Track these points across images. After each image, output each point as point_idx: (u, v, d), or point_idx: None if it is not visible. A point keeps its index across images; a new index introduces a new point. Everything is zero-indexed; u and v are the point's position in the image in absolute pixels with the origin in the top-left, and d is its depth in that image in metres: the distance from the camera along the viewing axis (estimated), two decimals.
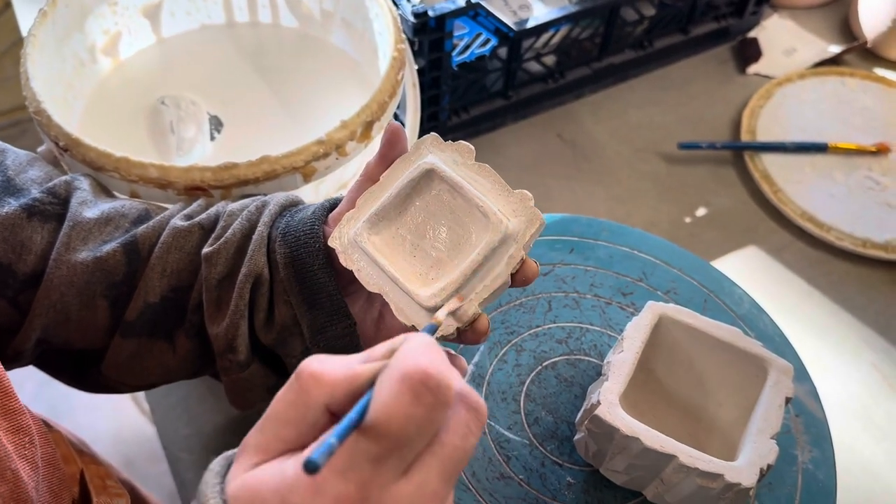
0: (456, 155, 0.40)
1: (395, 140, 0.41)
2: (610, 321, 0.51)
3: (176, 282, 0.42)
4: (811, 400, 0.47)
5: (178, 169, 0.48)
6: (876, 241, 0.72)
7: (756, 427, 0.41)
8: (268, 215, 0.43)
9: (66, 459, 0.44)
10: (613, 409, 0.41)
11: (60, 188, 0.44)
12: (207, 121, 0.62)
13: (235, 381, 0.43)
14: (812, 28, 0.92)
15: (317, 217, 0.42)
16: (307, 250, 0.41)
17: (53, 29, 0.57)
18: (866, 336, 0.67)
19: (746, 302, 0.52)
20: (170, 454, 0.60)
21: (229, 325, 0.41)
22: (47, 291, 0.41)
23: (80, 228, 0.42)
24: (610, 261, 0.54)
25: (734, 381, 0.45)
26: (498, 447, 0.45)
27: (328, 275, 0.41)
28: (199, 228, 0.43)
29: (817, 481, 0.44)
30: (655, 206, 0.76)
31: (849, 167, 0.78)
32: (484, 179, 0.39)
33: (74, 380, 0.48)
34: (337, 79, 0.67)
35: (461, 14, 0.66)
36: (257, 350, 0.43)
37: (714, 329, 0.45)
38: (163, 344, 0.44)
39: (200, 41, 0.69)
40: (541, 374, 0.48)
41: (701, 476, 0.39)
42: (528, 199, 0.39)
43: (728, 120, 0.83)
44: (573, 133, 0.81)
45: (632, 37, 0.84)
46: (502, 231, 0.38)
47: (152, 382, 0.46)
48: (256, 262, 0.41)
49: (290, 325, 0.42)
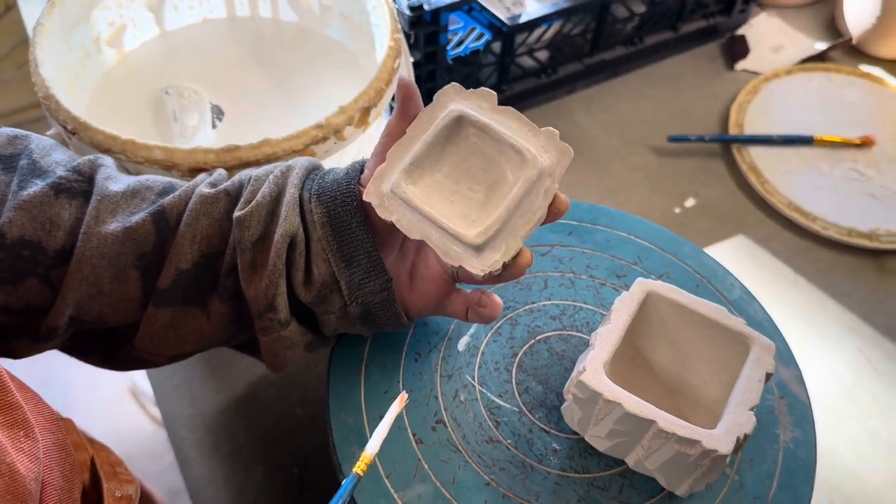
0: (480, 101, 0.41)
1: (409, 94, 0.42)
2: (603, 300, 0.52)
3: (206, 248, 0.43)
4: (796, 384, 0.49)
5: (182, 151, 0.50)
6: (861, 230, 0.74)
7: (736, 399, 0.42)
8: (296, 177, 0.44)
9: (77, 446, 0.45)
10: (598, 376, 0.42)
11: (85, 167, 0.45)
12: (209, 109, 0.63)
13: (276, 339, 0.44)
14: (799, 26, 0.95)
15: (351, 177, 0.43)
16: (345, 209, 0.42)
17: (61, 19, 0.59)
18: (851, 321, 0.69)
19: (738, 288, 0.53)
20: (172, 434, 0.61)
21: (268, 284, 0.42)
22: (79, 265, 0.42)
23: (107, 202, 0.43)
24: (607, 244, 0.55)
25: (718, 359, 0.46)
26: (489, 413, 0.47)
27: (366, 232, 0.42)
28: (225, 195, 0.44)
29: (797, 459, 0.46)
30: (646, 197, 0.78)
31: (834, 159, 0.80)
32: (511, 121, 0.41)
33: (106, 359, 0.48)
34: (335, 70, 0.69)
35: (456, 8, 0.68)
36: (293, 309, 0.44)
37: (700, 306, 0.46)
38: (197, 310, 0.44)
39: (202, 34, 0.71)
40: (533, 347, 0.50)
41: (679, 442, 0.41)
42: (555, 135, 0.40)
43: (717, 114, 0.85)
44: (566, 127, 0.83)
45: (623, 33, 0.86)
46: (539, 167, 0.39)
47: (188, 351, 0.46)
48: (291, 223, 0.42)
49: (330, 283, 0.43)
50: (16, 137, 0.45)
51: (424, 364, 0.49)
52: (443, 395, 0.47)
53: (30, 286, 0.42)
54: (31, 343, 0.45)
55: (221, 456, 0.59)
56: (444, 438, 0.46)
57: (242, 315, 0.45)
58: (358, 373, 0.48)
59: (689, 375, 0.48)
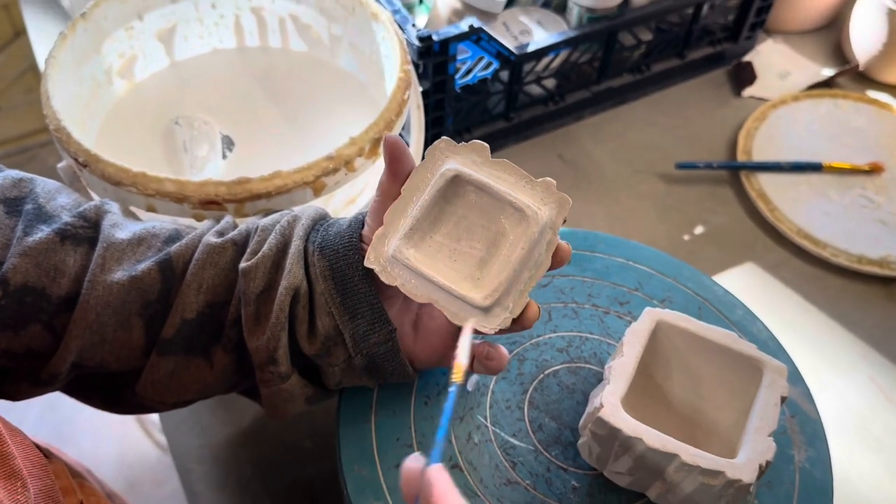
0: (473, 155, 0.41)
1: (397, 154, 0.42)
2: (608, 329, 0.52)
3: (212, 297, 0.43)
4: (805, 401, 0.49)
5: (193, 183, 0.50)
6: (871, 257, 0.73)
7: (754, 426, 0.42)
8: (301, 229, 0.44)
9: (65, 492, 0.44)
10: (616, 412, 0.42)
11: (91, 212, 0.45)
12: (220, 140, 0.64)
13: (276, 392, 0.44)
14: (805, 52, 0.95)
15: (353, 230, 0.43)
16: (347, 262, 0.42)
17: (72, 51, 0.59)
18: (863, 350, 0.68)
19: (739, 308, 0.53)
20: (180, 465, 0.61)
21: (270, 337, 0.42)
22: (83, 313, 0.42)
23: (113, 249, 0.43)
24: (606, 272, 0.55)
25: (731, 384, 0.46)
26: (504, 454, 0.46)
27: (368, 285, 0.42)
28: (232, 244, 0.44)
29: (814, 479, 0.45)
30: (654, 224, 0.77)
31: (843, 186, 0.80)
32: (507, 174, 0.41)
33: (107, 403, 0.48)
34: (344, 100, 0.69)
35: (464, 38, 0.68)
36: (295, 361, 0.44)
37: (709, 333, 0.46)
38: (200, 360, 0.44)
39: (212, 64, 0.71)
40: (543, 382, 0.49)
41: (703, 474, 0.40)
42: (553, 186, 0.40)
43: (724, 141, 0.85)
44: (574, 154, 0.83)
45: (630, 61, 0.86)
46: (540, 223, 0.39)
47: (189, 399, 0.46)
48: (295, 276, 0.42)
49: (334, 335, 0.43)
50: (21, 180, 0.45)
51: (435, 408, 0.48)
52: (456, 438, 0.47)
53: (32, 332, 0.42)
54: (31, 387, 0.44)
55: (229, 490, 0.59)
56: (462, 484, 0.45)
57: (245, 365, 0.45)
58: (368, 420, 0.47)
59: (702, 402, 0.48)
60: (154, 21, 0.66)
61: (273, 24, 0.71)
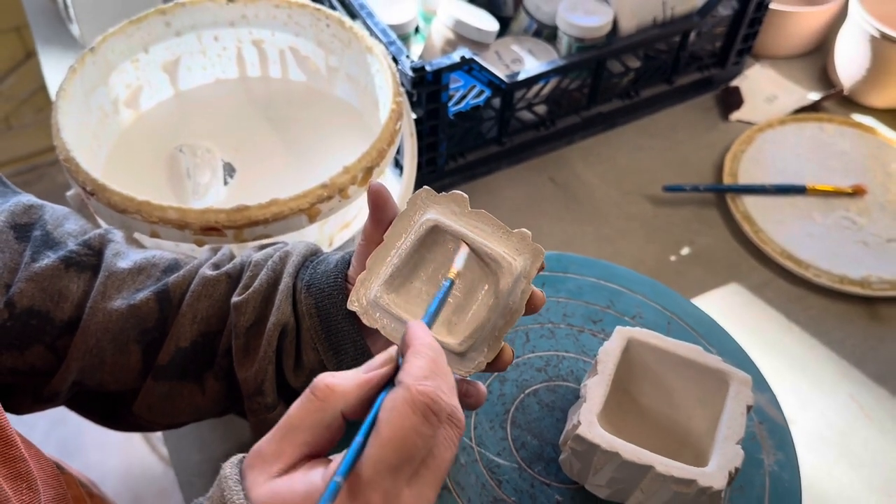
0: (453, 205, 0.43)
1: (380, 202, 0.44)
2: (583, 347, 0.55)
3: (205, 327, 0.46)
4: (772, 407, 0.51)
5: (195, 211, 0.53)
6: (852, 277, 0.75)
7: (722, 435, 0.45)
8: (291, 266, 0.46)
9: (77, 500, 0.47)
10: (593, 428, 0.44)
11: (95, 241, 0.47)
12: (221, 167, 0.67)
13: (263, 421, 0.46)
14: (792, 77, 0.97)
15: (339, 270, 0.45)
16: (331, 301, 0.44)
17: (81, 83, 0.63)
18: (843, 368, 0.70)
19: (706, 321, 0.56)
20: (182, 479, 0.63)
21: (258, 369, 0.44)
22: (84, 337, 0.44)
23: (114, 278, 0.45)
24: (579, 291, 0.58)
25: (700, 395, 0.49)
26: (489, 472, 0.48)
27: (350, 323, 0.45)
28: (226, 277, 0.46)
29: (783, 482, 0.48)
30: (642, 245, 0.80)
31: (827, 208, 0.82)
32: (484, 225, 0.43)
33: (105, 420, 0.51)
34: (340, 128, 0.72)
35: (456, 69, 0.71)
36: (282, 392, 0.46)
37: (677, 348, 0.49)
38: (193, 386, 0.47)
39: (215, 94, 0.74)
40: (524, 402, 0.52)
41: (676, 483, 0.43)
42: (528, 237, 0.42)
43: (711, 164, 0.88)
44: (564, 177, 0.86)
45: (619, 87, 0.89)
46: (514, 273, 0.41)
47: (183, 421, 0.49)
48: (283, 312, 0.44)
49: (318, 369, 0.45)
50: (31, 207, 0.48)
51: None
52: None
53: (36, 352, 0.45)
54: (34, 403, 0.47)
55: None
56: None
57: (236, 391, 0.47)
58: None
59: (674, 413, 0.50)
60: (159, 53, 0.69)
61: (273, 55, 0.74)
